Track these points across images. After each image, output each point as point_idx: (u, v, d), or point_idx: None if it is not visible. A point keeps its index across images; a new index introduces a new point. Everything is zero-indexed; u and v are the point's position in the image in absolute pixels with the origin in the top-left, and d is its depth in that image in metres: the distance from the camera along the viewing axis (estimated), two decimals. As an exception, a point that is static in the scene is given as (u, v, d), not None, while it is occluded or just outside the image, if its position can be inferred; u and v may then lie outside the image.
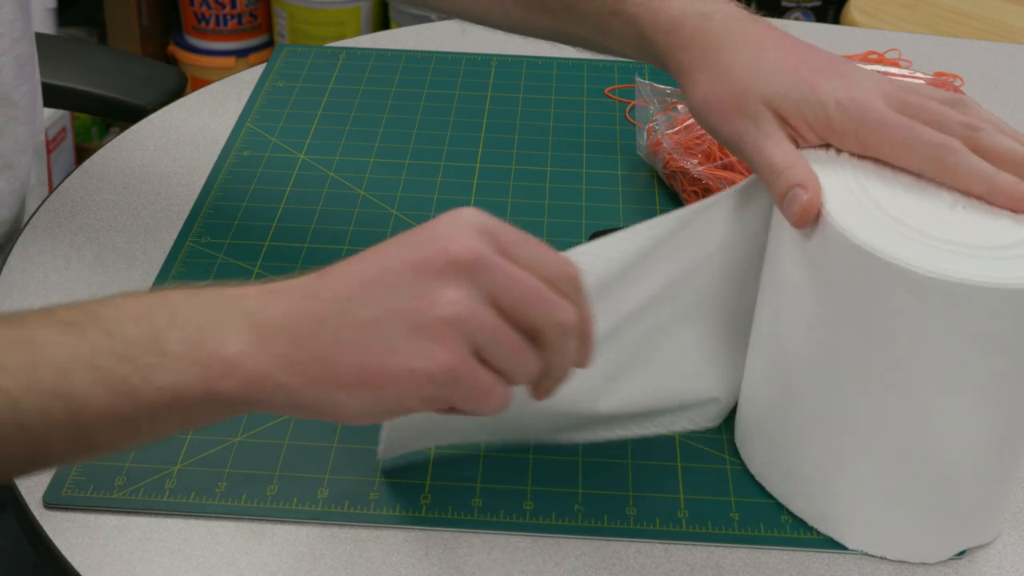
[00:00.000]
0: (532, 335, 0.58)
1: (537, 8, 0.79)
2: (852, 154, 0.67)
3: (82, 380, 0.54)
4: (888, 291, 0.60)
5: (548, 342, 0.58)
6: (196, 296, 0.57)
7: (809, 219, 0.63)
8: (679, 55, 0.71)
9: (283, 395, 0.56)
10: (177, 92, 1.15)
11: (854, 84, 0.67)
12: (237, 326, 0.56)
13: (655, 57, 0.74)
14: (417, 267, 0.56)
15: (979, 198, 0.65)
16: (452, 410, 0.59)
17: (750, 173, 0.92)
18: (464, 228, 0.57)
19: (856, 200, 0.64)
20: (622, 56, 0.78)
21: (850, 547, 0.68)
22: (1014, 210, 0.64)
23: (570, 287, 0.59)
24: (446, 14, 0.87)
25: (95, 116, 2.11)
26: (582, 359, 0.61)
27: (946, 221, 0.63)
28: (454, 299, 0.55)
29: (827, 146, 0.68)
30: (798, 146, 0.68)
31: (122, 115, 1.14)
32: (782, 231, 0.66)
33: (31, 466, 0.57)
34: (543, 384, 0.60)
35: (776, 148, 0.67)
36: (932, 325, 0.60)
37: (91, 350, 0.54)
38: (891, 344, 0.61)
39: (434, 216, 0.59)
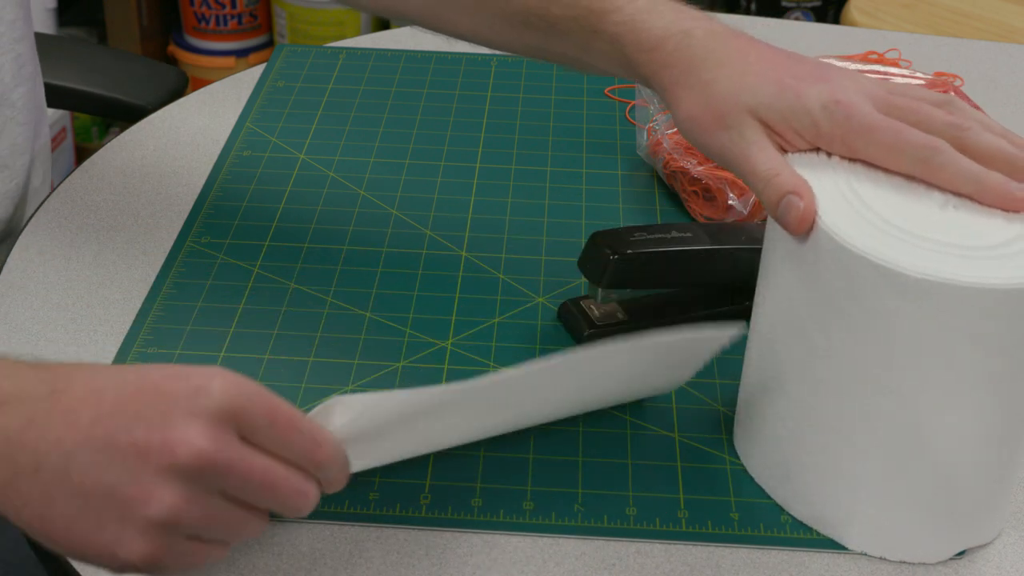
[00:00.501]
0: None
1: (522, 26, 0.78)
2: (842, 157, 0.67)
3: None
4: (881, 294, 0.60)
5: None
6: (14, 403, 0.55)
7: (806, 226, 0.63)
8: (662, 73, 0.71)
9: (5, 512, 0.56)
10: (177, 92, 1.15)
11: (839, 88, 0.67)
12: None
13: (639, 76, 0.74)
14: (142, 453, 0.54)
15: (968, 198, 0.65)
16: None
17: (750, 173, 0.92)
18: (201, 418, 0.54)
19: (847, 203, 0.64)
20: (608, 74, 0.78)
21: (851, 548, 0.68)
22: (1004, 208, 0.65)
23: (316, 467, 0.58)
24: (437, 33, 0.87)
25: (95, 116, 2.11)
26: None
27: (937, 222, 0.63)
28: (168, 502, 0.54)
29: (816, 149, 0.68)
30: (785, 152, 0.68)
31: (122, 115, 1.14)
32: (775, 236, 0.66)
33: None
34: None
35: (761, 155, 0.67)
36: (926, 327, 0.60)
37: None
38: (885, 347, 0.61)
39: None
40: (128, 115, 1.13)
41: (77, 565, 0.65)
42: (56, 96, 1.14)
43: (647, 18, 0.72)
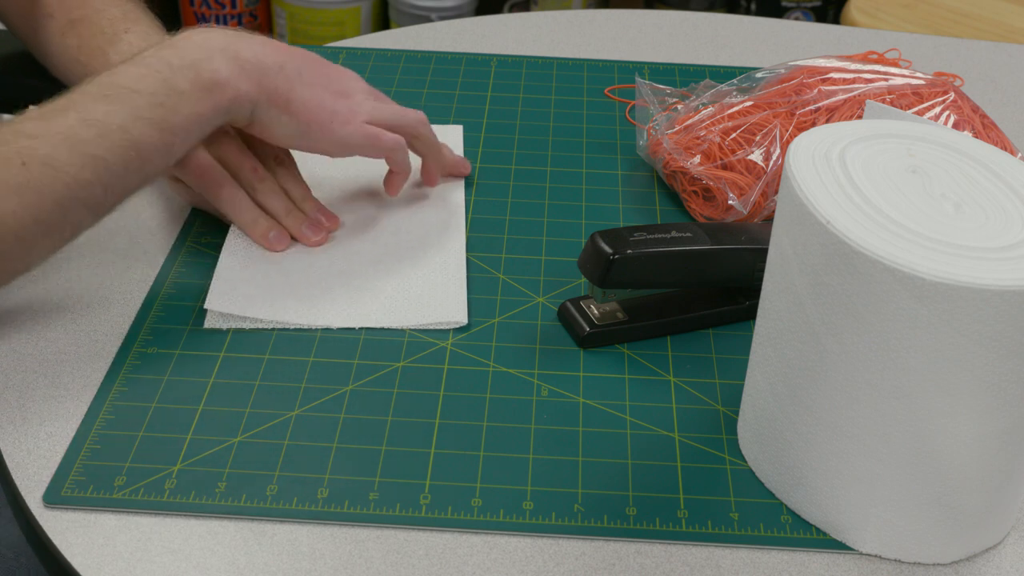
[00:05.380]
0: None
1: None
2: (841, 154, 0.67)
3: (140, 129, 0.78)
4: (895, 297, 0.60)
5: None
6: (175, 47, 0.81)
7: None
8: None
9: (249, 108, 0.83)
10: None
11: None
12: (220, 58, 0.81)
13: None
14: (343, 75, 0.90)
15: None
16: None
17: (751, 173, 0.92)
18: (356, 78, 0.91)
19: (854, 204, 0.63)
20: None
21: (864, 552, 0.68)
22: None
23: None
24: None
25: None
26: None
27: (947, 224, 0.63)
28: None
29: (814, 145, 0.68)
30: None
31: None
32: (783, 238, 0.66)
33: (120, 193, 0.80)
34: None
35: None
36: (941, 330, 0.60)
37: (133, 108, 0.78)
38: (897, 349, 0.61)
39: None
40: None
41: (77, 565, 0.65)
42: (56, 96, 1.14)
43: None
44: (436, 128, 1.03)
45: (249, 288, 0.83)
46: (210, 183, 0.86)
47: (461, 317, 0.82)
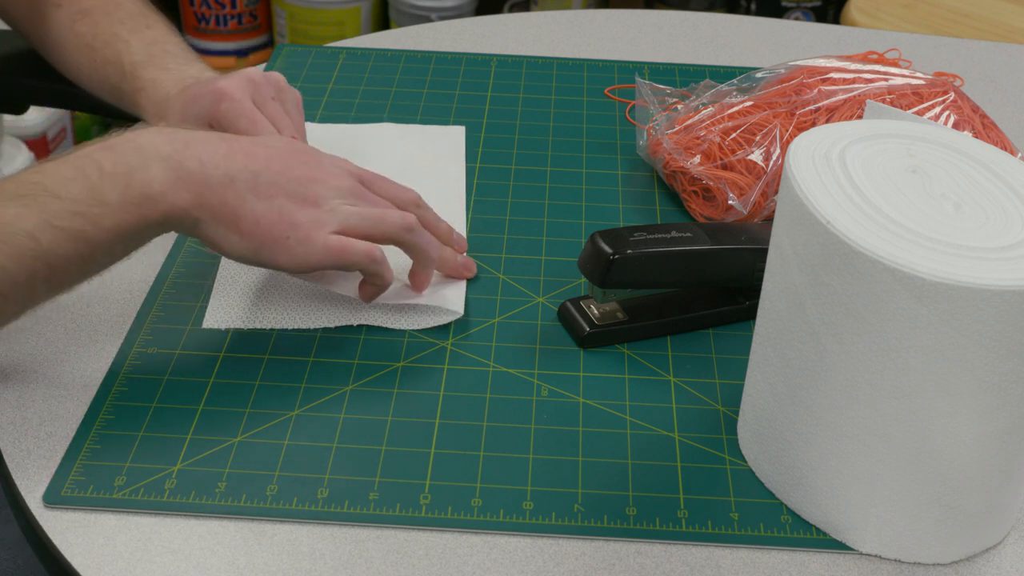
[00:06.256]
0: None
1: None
2: (841, 154, 0.67)
3: (52, 239, 0.70)
4: (895, 297, 0.60)
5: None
6: (113, 150, 0.73)
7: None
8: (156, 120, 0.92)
9: (191, 224, 0.74)
10: (177, 92, 1.14)
11: (219, 79, 0.89)
12: (158, 168, 0.73)
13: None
14: (316, 162, 0.79)
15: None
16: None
17: (751, 173, 0.92)
18: (340, 165, 0.80)
19: (854, 204, 0.63)
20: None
21: (864, 552, 0.68)
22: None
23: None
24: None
25: (95, 116, 2.11)
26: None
27: (947, 224, 0.63)
28: (346, 181, 0.79)
29: (814, 145, 0.68)
30: None
31: (122, 115, 1.14)
32: (783, 238, 0.66)
33: (27, 302, 0.72)
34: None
35: None
36: (941, 330, 0.60)
37: (47, 214, 0.70)
38: (897, 349, 0.61)
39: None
40: (128, 115, 1.13)
41: (77, 565, 0.65)
42: (56, 96, 1.14)
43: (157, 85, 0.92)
44: (437, 129, 1.03)
45: (246, 302, 0.83)
46: (251, 122, 0.85)
47: (458, 308, 0.82)
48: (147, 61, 0.93)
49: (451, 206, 0.93)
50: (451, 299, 0.83)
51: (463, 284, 0.85)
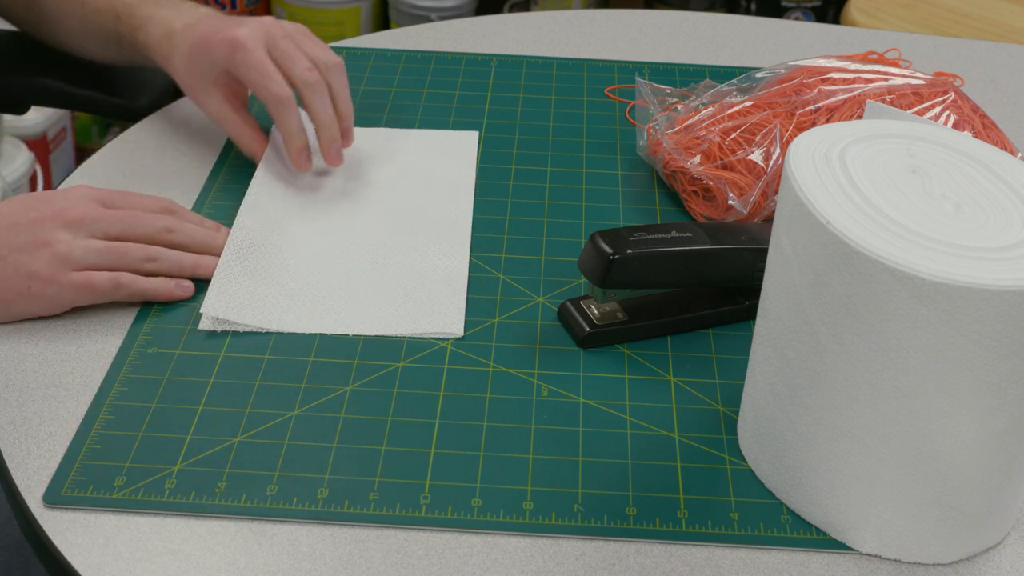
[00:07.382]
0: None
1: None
2: (841, 154, 0.67)
3: None
4: (895, 297, 0.60)
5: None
6: None
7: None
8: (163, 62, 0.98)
9: None
10: (177, 92, 1.14)
11: (235, 27, 0.91)
12: None
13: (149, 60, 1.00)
14: (40, 222, 0.79)
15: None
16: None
17: (751, 173, 0.92)
18: (78, 197, 0.81)
19: (854, 204, 0.63)
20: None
21: (864, 552, 0.68)
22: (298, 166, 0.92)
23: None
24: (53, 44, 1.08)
25: (95, 116, 2.11)
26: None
27: (947, 224, 0.63)
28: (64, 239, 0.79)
29: (814, 145, 0.68)
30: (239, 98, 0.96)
31: (121, 115, 1.14)
32: (783, 238, 0.66)
33: None
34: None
35: (225, 117, 0.95)
36: (938, 329, 0.60)
37: None
38: (897, 349, 0.61)
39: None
40: (128, 115, 1.13)
41: (77, 565, 0.65)
42: (56, 96, 1.14)
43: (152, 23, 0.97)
44: (449, 134, 1.02)
45: (247, 295, 0.83)
46: (262, 74, 0.89)
47: (457, 328, 0.81)
48: (139, 1, 0.97)
49: (457, 210, 0.93)
50: (450, 322, 0.82)
51: (462, 305, 0.84)
